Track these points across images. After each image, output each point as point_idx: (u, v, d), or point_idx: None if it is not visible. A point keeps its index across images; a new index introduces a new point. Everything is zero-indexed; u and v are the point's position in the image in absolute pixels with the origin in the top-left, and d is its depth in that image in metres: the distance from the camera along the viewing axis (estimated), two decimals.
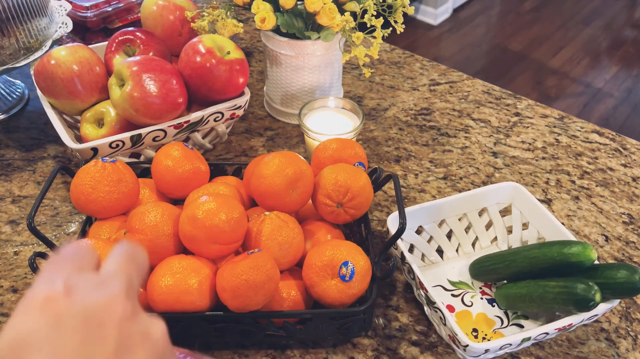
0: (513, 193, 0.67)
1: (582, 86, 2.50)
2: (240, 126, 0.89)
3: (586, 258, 0.54)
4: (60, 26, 0.89)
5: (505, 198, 0.67)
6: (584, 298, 0.51)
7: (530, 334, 0.52)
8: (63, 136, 0.70)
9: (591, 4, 3.14)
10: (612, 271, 0.53)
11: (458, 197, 0.65)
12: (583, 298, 0.51)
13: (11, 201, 0.76)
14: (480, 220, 0.68)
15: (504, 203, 0.68)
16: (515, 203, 0.67)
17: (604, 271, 0.54)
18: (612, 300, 0.54)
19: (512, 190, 0.67)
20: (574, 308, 0.53)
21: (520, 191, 0.66)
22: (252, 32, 1.13)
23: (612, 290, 0.53)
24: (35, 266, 0.54)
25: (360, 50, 0.74)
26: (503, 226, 0.68)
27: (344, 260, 0.54)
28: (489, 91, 0.97)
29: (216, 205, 0.53)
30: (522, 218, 0.67)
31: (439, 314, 0.54)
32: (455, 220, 0.67)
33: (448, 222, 0.67)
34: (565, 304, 0.53)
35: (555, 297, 0.54)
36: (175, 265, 0.52)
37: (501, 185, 0.66)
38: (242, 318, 0.53)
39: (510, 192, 0.67)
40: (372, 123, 0.90)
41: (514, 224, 0.67)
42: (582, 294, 0.51)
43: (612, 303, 0.54)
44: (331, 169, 0.60)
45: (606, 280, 0.53)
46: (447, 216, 0.66)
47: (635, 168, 0.82)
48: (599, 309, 0.53)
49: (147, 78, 0.68)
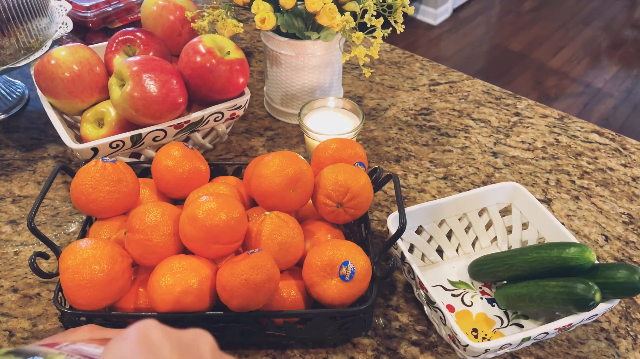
0: (513, 193, 0.67)
1: (582, 86, 2.50)
2: (240, 126, 0.89)
3: (585, 260, 0.54)
4: (60, 26, 0.89)
5: (505, 198, 0.67)
6: (584, 297, 0.51)
7: (530, 334, 0.52)
8: (63, 136, 0.70)
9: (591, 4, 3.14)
10: (612, 271, 0.53)
11: (458, 197, 0.65)
12: (583, 298, 0.51)
13: (11, 201, 0.76)
14: (480, 220, 0.68)
15: (504, 203, 0.68)
16: (516, 203, 0.67)
17: (603, 271, 0.54)
18: (612, 300, 0.54)
19: (512, 190, 0.67)
20: (574, 307, 0.53)
21: (520, 191, 0.66)
22: (252, 32, 1.13)
23: (612, 289, 0.53)
24: (36, 266, 0.54)
25: (360, 50, 0.74)
26: (503, 226, 0.68)
27: (344, 259, 0.54)
28: (489, 91, 0.97)
29: (216, 205, 0.53)
30: (522, 218, 0.67)
31: (439, 314, 0.54)
32: (455, 220, 0.67)
33: (448, 222, 0.67)
34: (565, 304, 0.53)
35: (555, 297, 0.54)
36: (176, 265, 0.52)
37: (501, 185, 0.67)
38: (242, 318, 0.53)
39: (510, 192, 0.67)
40: (372, 123, 0.90)
41: (514, 224, 0.67)
42: (582, 294, 0.52)
43: (612, 303, 0.54)
44: (331, 169, 0.60)
45: (606, 280, 0.53)
46: (447, 216, 0.67)
47: (635, 168, 0.82)
48: (598, 309, 0.53)
49: (147, 78, 0.68)
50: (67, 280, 0.51)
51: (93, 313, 0.53)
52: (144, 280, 0.56)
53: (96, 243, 0.53)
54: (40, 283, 0.65)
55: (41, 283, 0.65)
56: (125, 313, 0.54)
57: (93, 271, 0.51)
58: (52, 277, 0.56)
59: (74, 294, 0.51)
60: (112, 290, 0.52)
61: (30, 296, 0.64)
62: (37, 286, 0.65)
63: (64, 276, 0.51)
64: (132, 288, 0.56)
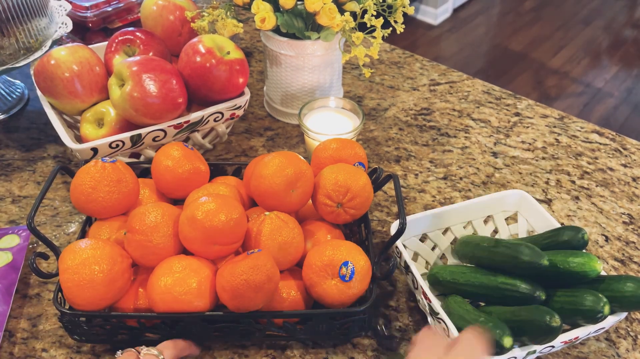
0: (519, 201, 0.65)
1: (582, 86, 2.50)
2: (240, 126, 0.89)
3: (590, 268, 0.53)
4: (60, 26, 0.89)
5: (512, 206, 0.66)
6: (593, 309, 0.50)
7: (535, 347, 0.51)
8: (63, 136, 0.70)
9: (591, 4, 3.14)
10: (619, 284, 0.52)
11: (463, 205, 0.64)
12: (591, 309, 0.50)
13: (11, 201, 0.76)
14: (485, 227, 0.66)
15: (510, 211, 0.66)
16: (522, 211, 0.66)
17: (610, 284, 0.53)
18: (620, 313, 0.53)
19: (518, 198, 0.65)
20: (582, 319, 0.51)
21: (527, 200, 0.64)
22: (252, 32, 1.13)
23: (620, 303, 0.51)
24: (35, 267, 0.54)
25: (360, 50, 0.74)
26: (509, 234, 0.67)
27: (344, 260, 0.54)
28: (489, 91, 0.97)
29: (216, 205, 0.53)
30: (528, 226, 0.65)
31: (442, 326, 0.53)
32: (460, 227, 0.66)
33: (453, 230, 0.66)
34: (573, 314, 0.52)
35: (562, 307, 0.52)
36: (175, 265, 0.52)
37: (508, 192, 0.65)
38: (242, 318, 0.53)
39: (516, 200, 0.66)
40: (372, 123, 0.90)
41: (520, 232, 0.66)
42: (591, 306, 0.50)
43: (619, 316, 0.53)
44: (331, 169, 0.60)
45: (613, 293, 0.52)
46: (451, 224, 0.65)
47: (635, 168, 0.82)
48: (607, 321, 0.52)
49: (147, 78, 0.68)
50: (66, 280, 0.51)
51: (93, 313, 0.53)
52: (144, 280, 0.56)
53: (96, 243, 0.53)
54: (40, 283, 0.65)
55: (41, 283, 0.65)
56: (125, 313, 0.54)
57: (93, 272, 0.51)
58: (51, 277, 0.56)
59: (74, 294, 0.51)
60: (112, 290, 0.52)
61: (30, 296, 0.64)
62: (37, 286, 0.65)
63: (63, 277, 0.51)
64: (131, 288, 0.56)
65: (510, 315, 0.52)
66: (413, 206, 0.75)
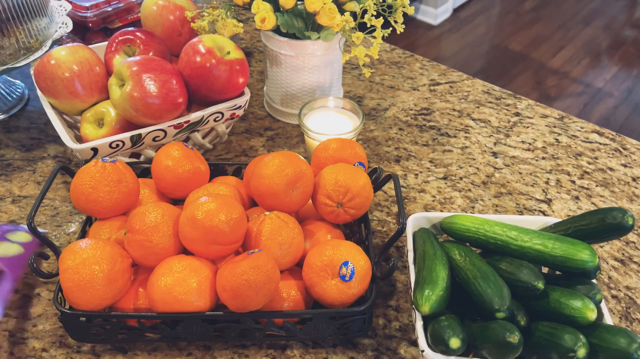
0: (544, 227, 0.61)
1: (582, 86, 2.50)
2: (240, 126, 0.89)
3: (581, 316, 0.50)
4: (60, 26, 0.89)
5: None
6: (567, 347, 0.48)
7: None
8: (63, 136, 0.70)
9: (591, 4, 3.14)
10: (610, 336, 0.49)
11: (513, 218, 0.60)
12: (566, 347, 0.48)
13: (11, 201, 0.76)
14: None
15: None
16: None
17: (602, 332, 0.50)
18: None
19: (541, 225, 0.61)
20: (556, 355, 0.49)
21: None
22: (252, 32, 1.13)
23: (605, 354, 0.49)
24: (35, 267, 0.54)
25: (360, 50, 0.74)
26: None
27: (344, 260, 0.54)
28: (489, 91, 0.97)
29: (216, 205, 0.53)
30: None
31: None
32: None
33: None
34: (548, 347, 0.49)
35: (541, 336, 0.51)
36: (175, 265, 0.52)
37: (533, 218, 0.61)
38: (242, 318, 0.53)
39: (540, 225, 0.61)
40: (372, 123, 0.90)
41: None
42: (566, 344, 0.48)
43: None
44: (331, 169, 0.60)
45: (600, 342, 0.49)
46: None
47: (635, 168, 0.82)
48: None
49: (147, 78, 0.68)
50: (66, 280, 0.51)
51: (93, 313, 0.53)
52: (144, 280, 0.56)
53: (96, 243, 0.53)
54: (40, 283, 0.65)
55: (41, 283, 0.65)
56: (125, 313, 0.54)
57: (93, 272, 0.51)
58: (52, 277, 0.56)
59: (74, 294, 0.51)
60: (112, 290, 0.52)
61: (30, 296, 0.64)
62: (37, 286, 0.65)
63: (63, 277, 0.51)
64: (132, 288, 0.56)
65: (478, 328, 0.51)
66: (413, 206, 0.75)
